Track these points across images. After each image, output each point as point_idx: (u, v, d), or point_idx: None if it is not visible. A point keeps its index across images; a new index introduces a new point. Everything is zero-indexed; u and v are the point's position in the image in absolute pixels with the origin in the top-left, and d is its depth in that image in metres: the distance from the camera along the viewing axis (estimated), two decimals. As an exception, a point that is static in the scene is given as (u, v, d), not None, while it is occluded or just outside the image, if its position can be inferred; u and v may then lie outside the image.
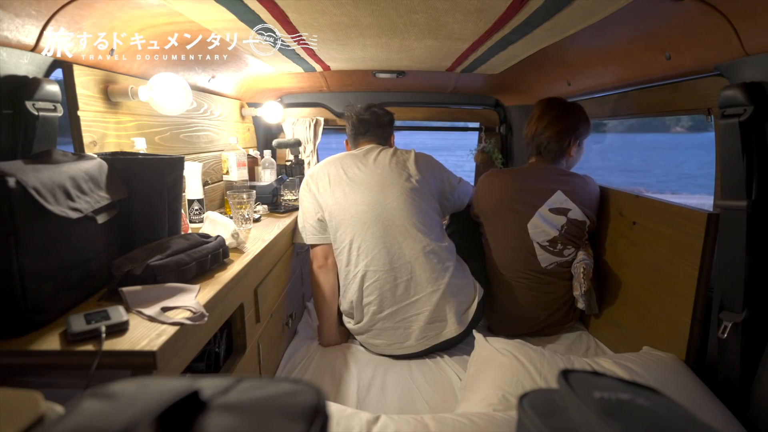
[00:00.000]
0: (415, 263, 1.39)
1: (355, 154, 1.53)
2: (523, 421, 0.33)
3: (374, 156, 1.51)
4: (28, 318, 0.71)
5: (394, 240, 1.40)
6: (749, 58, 0.91)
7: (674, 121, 21.08)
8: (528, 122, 1.63)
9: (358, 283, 1.42)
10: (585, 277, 1.45)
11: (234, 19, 1.09)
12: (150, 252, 0.92)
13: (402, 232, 1.40)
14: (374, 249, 1.40)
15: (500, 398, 1.04)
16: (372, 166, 1.48)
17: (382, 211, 1.41)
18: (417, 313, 1.39)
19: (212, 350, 1.01)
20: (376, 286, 1.40)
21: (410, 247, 1.40)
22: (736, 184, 0.96)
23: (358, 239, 1.42)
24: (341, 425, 0.90)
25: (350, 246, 1.43)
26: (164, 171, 1.04)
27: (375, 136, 1.61)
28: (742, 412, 0.99)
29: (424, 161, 1.53)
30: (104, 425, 0.26)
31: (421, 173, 1.48)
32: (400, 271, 1.39)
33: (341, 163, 1.50)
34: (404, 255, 1.40)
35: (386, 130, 1.64)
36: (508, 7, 0.99)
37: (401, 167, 1.48)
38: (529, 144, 1.63)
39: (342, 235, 1.45)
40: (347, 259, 1.44)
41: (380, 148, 1.55)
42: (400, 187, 1.44)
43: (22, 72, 0.87)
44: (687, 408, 0.32)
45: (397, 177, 1.45)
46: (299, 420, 0.29)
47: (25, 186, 0.69)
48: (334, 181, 1.47)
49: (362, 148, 1.57)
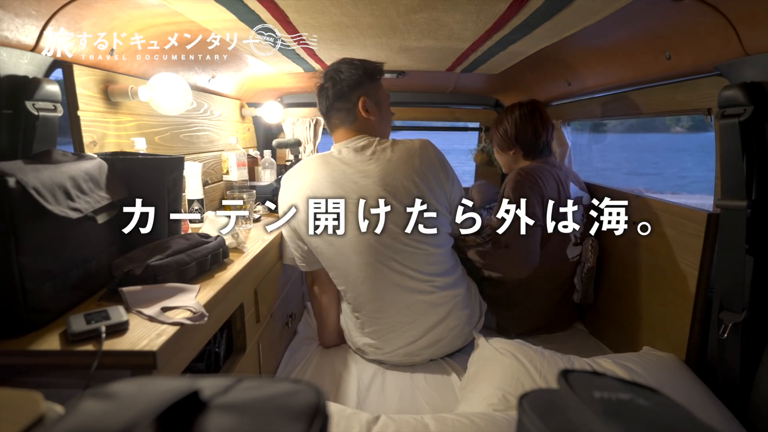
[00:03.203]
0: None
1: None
2: (523, 421, 0.33)
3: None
4: (28, 318, 0.71)
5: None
6: (749, 58, 0.91)
7: (674, 121, 21.07)
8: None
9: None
10: (593, 252, 1.47)
11: (234, 19, 1.09)
12: (150, 252, 0.92)
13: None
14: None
15: (500, 398, 1.03)
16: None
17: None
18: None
19: (212, 350, 1.01)
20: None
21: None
22: (736, 184, 0.96)
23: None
24: (341, 425, 0.90)
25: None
26: (164, 171, 1.04)
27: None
28: (741, 412, 0.99)
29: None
30: (104, 425, 0.26)
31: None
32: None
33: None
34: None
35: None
36: (508, 7, 0.98)
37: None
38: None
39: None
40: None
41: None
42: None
43: (22, 72, 0.87)
44: (687, 408, 0.32)
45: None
46: (299, 420, 0.29)
47: (25, 186, 0.69)
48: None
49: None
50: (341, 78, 1.29)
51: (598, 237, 1.57)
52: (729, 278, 1.01)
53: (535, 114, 1.57)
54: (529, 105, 1.59)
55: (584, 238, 1.55)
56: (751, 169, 0.95)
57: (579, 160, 2.12)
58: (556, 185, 1.47)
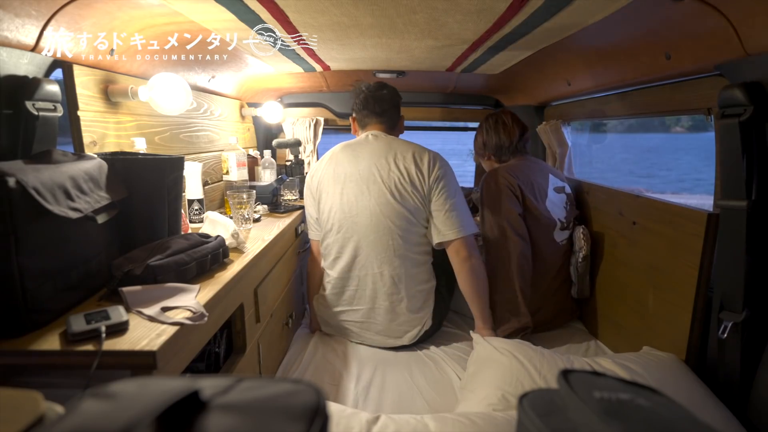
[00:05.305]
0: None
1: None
2: (523, 421, 0.33)
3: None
4: (28, 318, 0.71)
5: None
6: (749, 58, 0.91)
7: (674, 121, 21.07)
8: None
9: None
10: (585, 240, 1.57)
11: (234, 19, 1.09)
12: (150, 252, 0.92)
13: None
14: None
15: (500, 398, 1.04)
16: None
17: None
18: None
19: (212, 350, 1.01)
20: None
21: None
22: (736, 184, 0.96)
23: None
24: (341, 425, 0.90)
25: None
26: (164, 171, 1.04)
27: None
28: (742, 412, 0.99)
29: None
30: (104, 425, 0.26)
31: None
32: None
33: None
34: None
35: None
36: (508, 7, 0.99)
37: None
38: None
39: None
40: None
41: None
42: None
43: (22, 72, 0.87)
44: (687, 408, 0.32)
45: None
46: (299, 420, 0.29)
47: (25, 186, 0.69)
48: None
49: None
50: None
51: (595, 232, 1.60)
52: (729, 278, 1.00)
53: (498, 124, 1.73)
54: (494, 116, 1.76)
55: (571, 224, 1.64)
56: (751, 169, 0.95)
57: (580, 161, 2.12)
58: (527, 176, 1.59)
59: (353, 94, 1.58)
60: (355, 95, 1.57)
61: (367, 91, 1.54)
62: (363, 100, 1.54)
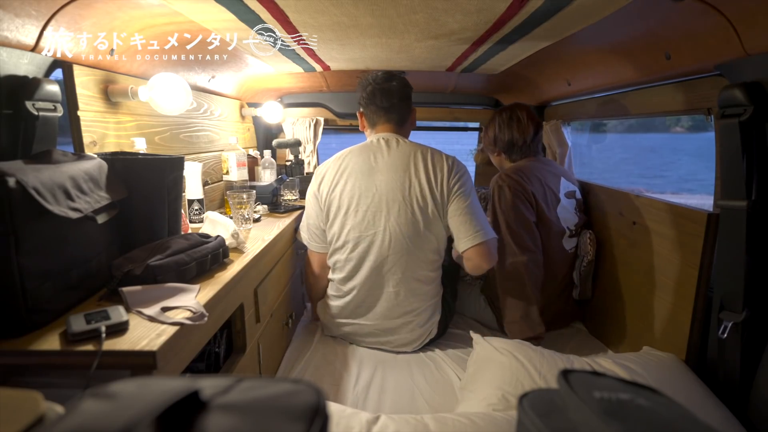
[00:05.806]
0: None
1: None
2: (523, 421, 0.33)
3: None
4: (28, 318, 0.71)
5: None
6: (749, 58, 0.91)
7: (674, 121, 21.04)
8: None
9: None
10: (591, 245, 1.54)
11: (234, 19, 1.09)
12: (150, 252, 0.92)
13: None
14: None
15: (500, 398, 1.03)
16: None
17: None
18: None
19: (212, 350, 1.01)
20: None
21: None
22: (736, 184, 0.96)
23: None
24: (341, 425, 0.90)
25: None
26: (164, 171, 1.04)
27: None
28: (742, 412, 0.99)
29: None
30: (104, 425, 0.26)
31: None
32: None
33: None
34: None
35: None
36: (508, 7, 0.99)
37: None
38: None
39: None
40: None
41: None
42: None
43: (22, 72, 0.87)
44: (687, 408, 0.32)
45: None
46: (299, 420, 0.29)
47: (25, 186, 0.69)
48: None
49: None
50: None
51: (595, 232, 1.60)
52: (729, 278, 1.01)
53: (513, 119, 1.63)
54: (508, 110, 1.66)
55: (579, 230, 1.60)
56: (750, 169, 0.95)
57: (580, 161, 2.12)
58: (540, 181, 1.53)
59: (360, 86, 1.48)
60: (362, 88, 1.47)
61: (374, 83, 1.44)
62: (370, 93, 1.45)
